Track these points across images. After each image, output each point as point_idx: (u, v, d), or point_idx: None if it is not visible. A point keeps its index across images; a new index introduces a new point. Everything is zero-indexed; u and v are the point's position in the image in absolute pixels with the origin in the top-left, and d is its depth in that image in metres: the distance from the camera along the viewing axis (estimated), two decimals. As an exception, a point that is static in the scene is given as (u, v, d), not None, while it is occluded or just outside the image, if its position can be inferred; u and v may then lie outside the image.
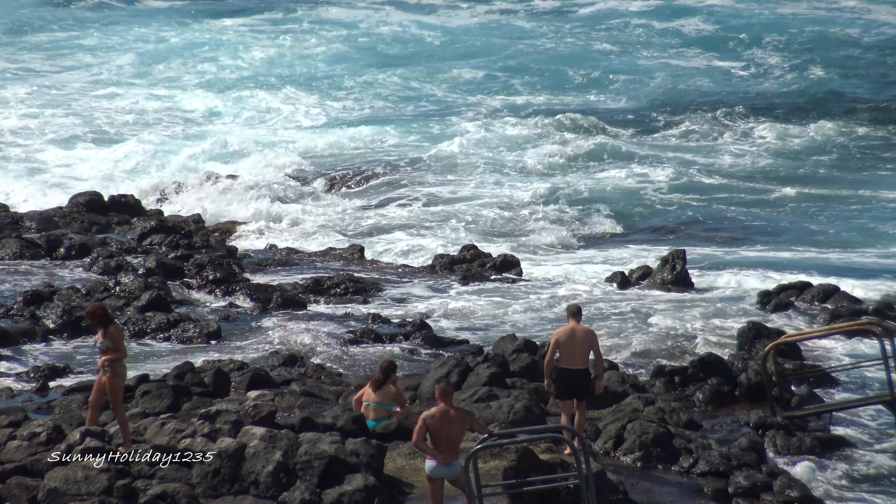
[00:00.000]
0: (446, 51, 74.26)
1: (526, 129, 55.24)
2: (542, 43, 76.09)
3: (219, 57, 72.58)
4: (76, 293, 31.12)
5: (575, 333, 23.12)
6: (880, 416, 26.95)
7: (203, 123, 57.98)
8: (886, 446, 26.16)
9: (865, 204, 45.55)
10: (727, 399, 26.86)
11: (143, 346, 29.18)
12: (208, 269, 33.07)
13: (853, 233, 41.73)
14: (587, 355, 23.02)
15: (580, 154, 51.14)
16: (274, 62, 71.79)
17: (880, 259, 38.91)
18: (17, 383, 26.51)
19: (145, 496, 20.26)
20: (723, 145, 54.45)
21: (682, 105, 61.05)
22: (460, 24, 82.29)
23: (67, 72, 68.09)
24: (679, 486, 23.25)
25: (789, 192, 46.72)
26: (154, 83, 66.06)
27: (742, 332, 29.86)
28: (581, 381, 23.06)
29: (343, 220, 42.21)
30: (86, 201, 38.14)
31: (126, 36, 77.66)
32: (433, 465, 19.14)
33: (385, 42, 76.89)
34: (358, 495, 20.51)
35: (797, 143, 54.59)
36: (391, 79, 67.11)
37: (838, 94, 63.43)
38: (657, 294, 33.73)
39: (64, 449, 21.01)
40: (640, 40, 77.00)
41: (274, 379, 26.26)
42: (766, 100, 62.59)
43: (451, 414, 19.14)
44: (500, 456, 21.88)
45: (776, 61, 71.38)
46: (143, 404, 23.88)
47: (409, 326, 30.20)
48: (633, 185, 46.92)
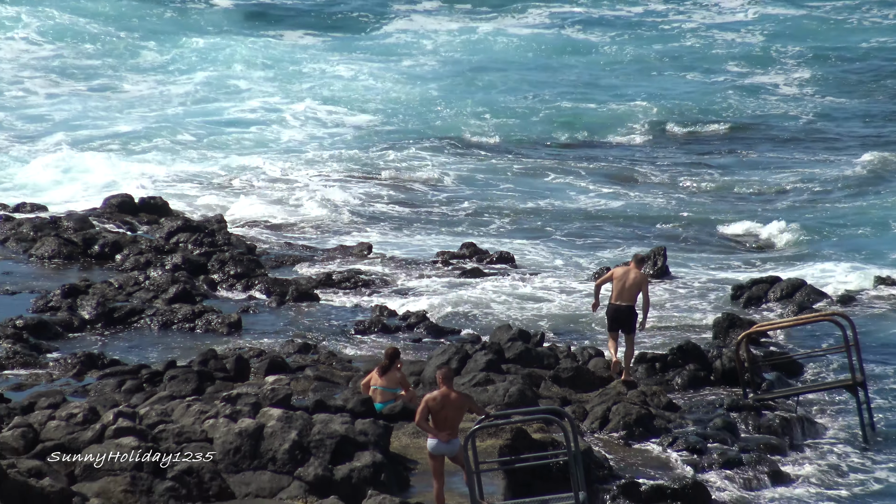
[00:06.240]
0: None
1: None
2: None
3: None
4: (109, 286, 31.16)
5: (629, 274, 25.06)
6: (842, 399, 27.03)
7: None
8: (845, 424, 26.26)
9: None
10: (703, 383, 26.89)
11: (170, 335, 29.23)
12: (230, 265, 33.09)
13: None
14: (635, 296, 24.87)
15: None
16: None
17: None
18: (55, 369, 26.59)
19: (172, 471, 20.28)
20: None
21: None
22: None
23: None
24: (659, 461, 23.31)
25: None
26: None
27: (717, 321, 29.88)
28: (626, 317, 25.15)
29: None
30: (118, 203, 38.09)
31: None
32: (435, 444, 19.19)
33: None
34: (366, 471, 20.53)
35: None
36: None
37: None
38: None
39: (98, 428, 21.04)
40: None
41: (290, 365, 26.27)
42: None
43: (451, 397, 19.18)
44: (496, 435, 21.92)
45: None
46: (170, 388, 23.92)
47: (413, 317, 30.21)
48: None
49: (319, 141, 48.56)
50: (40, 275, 32.81)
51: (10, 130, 50.21)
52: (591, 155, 48.02)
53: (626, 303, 25.33)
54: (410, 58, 61.53)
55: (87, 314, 29.60)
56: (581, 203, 42.16)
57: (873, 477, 24.07)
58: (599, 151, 48.68)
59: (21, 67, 59.54)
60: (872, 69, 58.76)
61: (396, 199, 42.25)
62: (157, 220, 37.12)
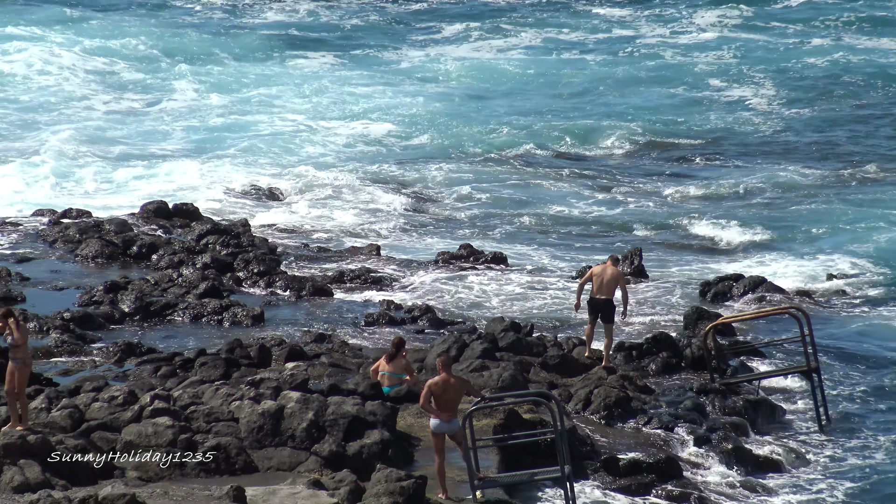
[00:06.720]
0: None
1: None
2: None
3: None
4: (146, 283, 31.26)
5: (606, 271, 25.70)
6: (798, 383, 27.19)
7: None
8: (802, 408, 26.42)
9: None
10: (675, 369, 27.00)
11: (201, 327, 29.33)
12: (253, 264, 33.13)
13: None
14: (613, 290, 25.58)
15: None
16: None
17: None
18: (99, 357, 26.74)
19: (203, 447, 20.43)
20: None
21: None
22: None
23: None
24: (636, 438, 23.44)
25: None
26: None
27: (687, 314, 29.99)
28: (604, 308, 25.72)
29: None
30: (154, 208, 38.06)
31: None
32: (436, 423, 19.31)
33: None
34: (375, 447, 20.67)
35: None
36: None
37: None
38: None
39: (137, 409, 21.19)
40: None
41: (307, 353, 26.35)
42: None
43: (450, 381, 19.30)
44: (490, 415, 22.08)
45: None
46: (201, 373, 24.04)
47: (416, 310, 30.31)
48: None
49: (337, 154, 48.37)
50: (85, 273, 32.88)
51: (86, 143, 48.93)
52: (582, 165, 47.69)
53: (605, 296, 25.80)
54: (424, 80, 61.32)
55: (126, 308, 29.71)
56: (570, 208, 41.96)
57: (826, 454, 24.23)
58: (590, 162, 48.34)
59: (82, 83, 58.64)
60: (828, 85, 58.60)
61: (407, 205, 42.08)
62: (188, 223, 37.09)
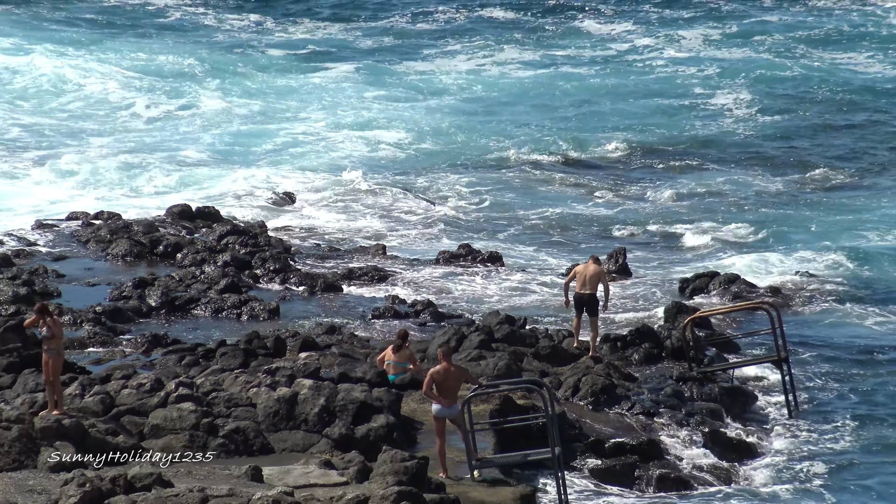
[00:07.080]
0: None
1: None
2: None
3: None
4: (171, 280, 31.10)
5: (588, 268, 25.76)
6: (769, 372, 27.00)
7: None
8: (773, 394, 26.24)
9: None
10: (656, 359, 26.80)
11: (221, 320, 29.16)
12: (270, 262, 32.98)
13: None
14: (596, 285, 25.70)
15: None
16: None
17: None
18: (128, 347, 26.56)
19: (223, 430, 20.31)
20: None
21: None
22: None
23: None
24: (620, 422, 23.30)
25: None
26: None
27: (667, 308, 29.82)
28: (588, 302, 25.75)
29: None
30: (178, 211, 37.92)
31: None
32: (438, 408, 19.22)
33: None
34: (381, 430, 20.56)
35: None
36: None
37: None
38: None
39: (163, 395, 21.05)
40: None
41: (319, 343, 26.20)
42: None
43: (451, 370, 19.22)
44: (487, 401, 21.94)
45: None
46: (221, 362, 23.89)
47: (419, 305, 30.16)
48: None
49: (350, 160, 48.10)
50: (115, 270, 32.74)
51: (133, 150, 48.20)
52: (578, 170, 47.51)
53: (589, 291, 25.71)
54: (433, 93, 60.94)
55: (153, 302, 29.55)
56: (564, 210, 41.69)
57: (794, 436, 24.11)
58: (585, 168, 48.13)
59: (119, 95, 57.53)
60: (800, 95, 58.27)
61: (417, 208, 41.93)
62: (210, 225, 36.97)
